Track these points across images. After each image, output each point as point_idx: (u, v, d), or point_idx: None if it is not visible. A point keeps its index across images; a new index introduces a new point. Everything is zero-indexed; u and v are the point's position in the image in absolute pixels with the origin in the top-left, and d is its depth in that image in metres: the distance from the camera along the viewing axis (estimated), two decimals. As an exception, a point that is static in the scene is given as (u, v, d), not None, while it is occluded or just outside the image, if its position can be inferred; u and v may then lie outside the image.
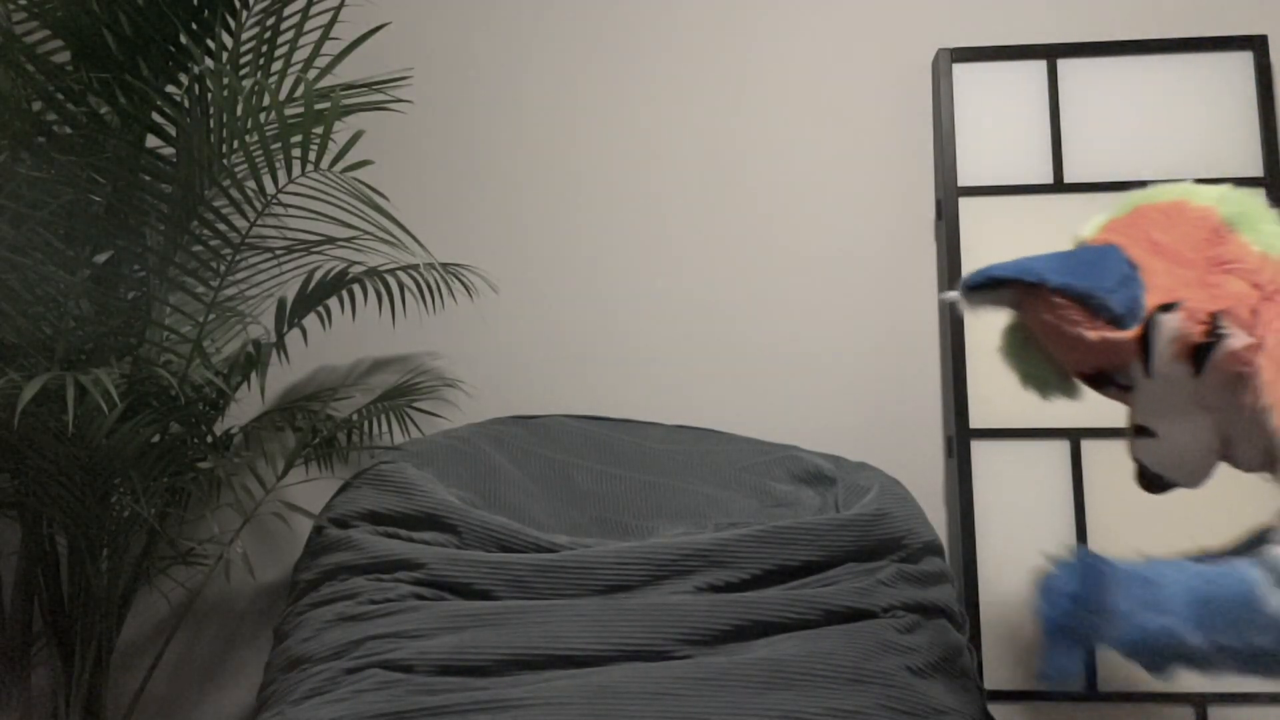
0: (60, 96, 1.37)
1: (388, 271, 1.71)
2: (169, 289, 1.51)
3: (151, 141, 1.76)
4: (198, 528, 1.94)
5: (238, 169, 1.46)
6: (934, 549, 1.50)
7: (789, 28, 1.98)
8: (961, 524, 1.74)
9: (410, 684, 1.22)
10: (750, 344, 1.91)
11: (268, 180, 1.94)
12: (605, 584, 1.35)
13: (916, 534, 1.47)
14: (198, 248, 1.51)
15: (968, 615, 1.62)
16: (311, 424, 1.71)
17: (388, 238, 1.88)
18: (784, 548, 1.38)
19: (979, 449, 1.77)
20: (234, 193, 1.62)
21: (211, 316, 1.58)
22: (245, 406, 1.96)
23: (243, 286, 1.68)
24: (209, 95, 1.39)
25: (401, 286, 1.74)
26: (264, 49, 1.51)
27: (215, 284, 1.50)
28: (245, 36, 1.52)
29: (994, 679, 1.71)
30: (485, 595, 1.35)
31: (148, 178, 1.43)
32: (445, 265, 1.79)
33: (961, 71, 1.88)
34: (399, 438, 1.91)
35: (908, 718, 1.20)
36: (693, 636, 1.27)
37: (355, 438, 1.80)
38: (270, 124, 1.41)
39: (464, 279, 1.93)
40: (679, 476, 1.68)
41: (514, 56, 2.02)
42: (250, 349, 1.69)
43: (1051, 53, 1.86)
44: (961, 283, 1.13)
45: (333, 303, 1.97)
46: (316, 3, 1.51)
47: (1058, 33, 1.93)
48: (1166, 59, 1.84)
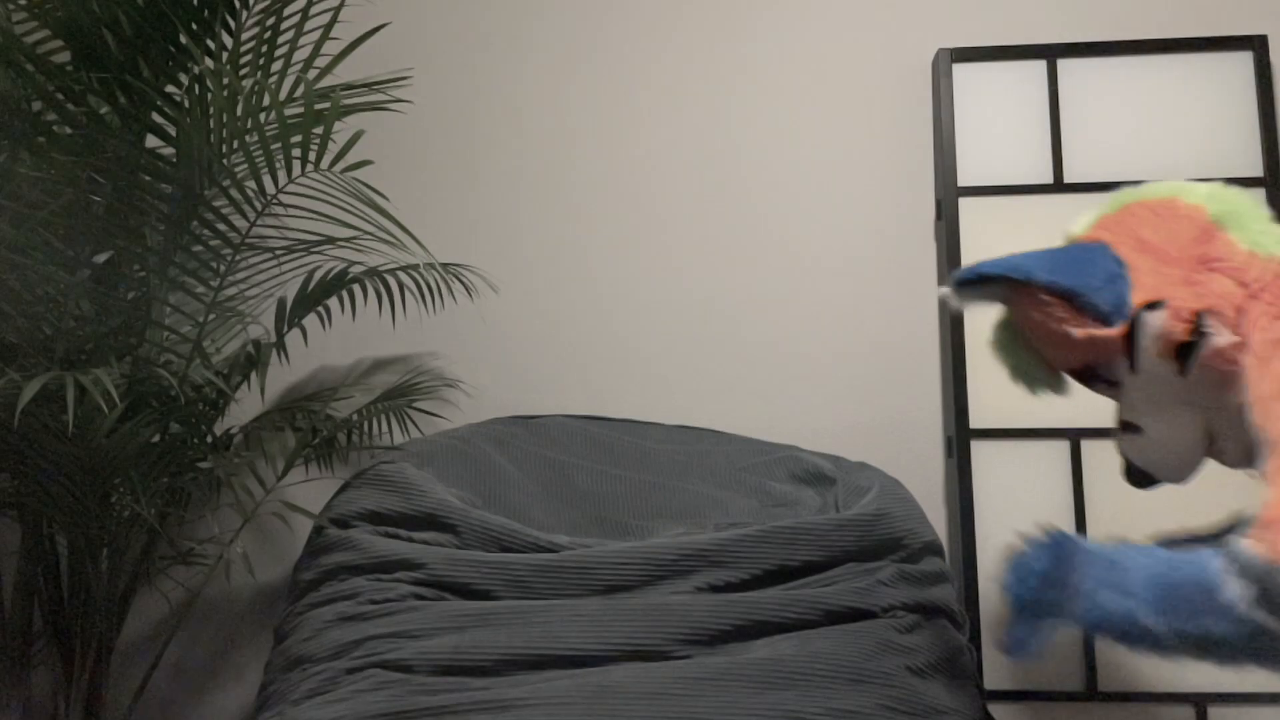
0: (60, 96, 1.37)
1: (388, 271, 1.71)
2: (169, 289, 1.51)
3: (151, 141, 1.76)
4: (198, 528, 1.94)
5: (238, 169, 1.46)
6: (934, 549, 1.50)
7: (789, 28, 1.98)
8: (961, 524, 1.74)
9: (410, 684, 1.22)
10: (750, 344, 1.91)
11: (268, 180, 1.94)
12: (605, 584, 1.35)
13: (916, 534, 1.47)
14: (198, 248, 1.51)
15: (968, 615, 1.62)
16: (311, 424, 1.71)
17: (388, 238, 1.88)
18: (784, 548, 1.38)
19: (979, 449, 1.77)
20: (234, 193, 1.62)
21: (211, 316, 1.58)
22: (245, 406, 1.96)
23: (243, 286, 1.68)
24: (209, 95, 1.39)
25: (401, 286, 1.74)
26: (264, 49, 1.51)
27: (215, 284, 1.50)
28: (245, 36, 1.52)
29: (994, 679, 1.71)
30: (485, 595, 1.35)
31: (148, 178, 1.43)
32: (445, 265, 1.79)
33: (961, 71, 1.88)
34: (399, 438, 1.91)
35: (908, 718, 1.20)
36: (693, 636, 1.27)
37: (355, 438, 1.80)
38: (270, 124, 1.41)
39: (464, 279, 1.93)
40: (679, 476, 1.68)
41: (514, 56, 2.02)
42: (250, 349, 1.69)
43: (1051, 53, 1.86)
44: (951, 278, 1.14)
45: (333, 303, 1.97)
46: (316, 3, 1.51)
47: (1057, 33, 1.93)
48: (1166, 59, 1.84)
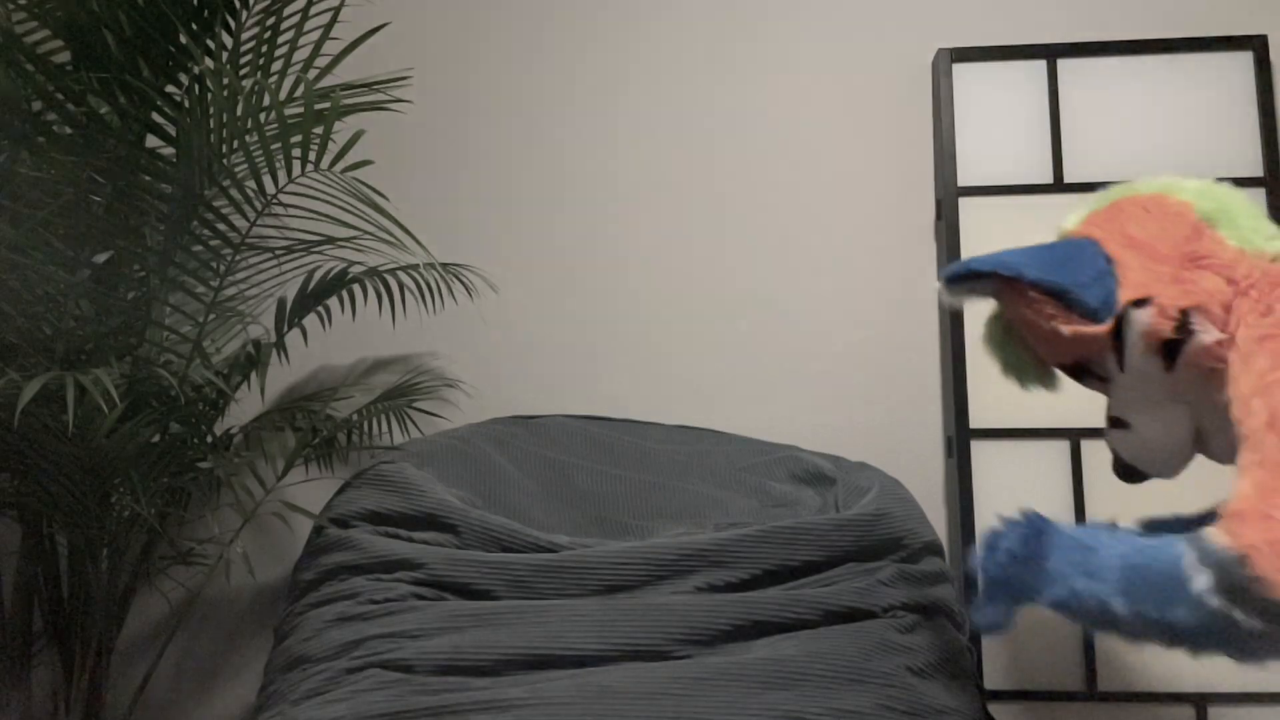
0: (60, 96, 1.37)
1: (388, 271, 1.71)
2: (169, 289, 1.51)
3: (151, 141, 1.76)
4: (198, 528, 1.94)
5: (238, 169, 1.46)
6: (934, 549, 1.50)
7: (789, 28, 1.98)
8: (961, 524, 1.74)
9: (410, 684, 1.22)
10: (750, 343, 1.91)
11: (268, 180, 1.94)
12: (605, 584, 1.34)
13: (916, 534, 1.47)
14: (198, 248, 1.51)
15: (968, 615, 1.62)
16: (311, 424, 1.71)
17: (388, 238, 1.88)
18: (784, 548, 1.38)
19: (979, 449, 1.77)
20: (234, 193, 1.62)
21: (211, 316, 1.57)
22: (245, 406, 1.96)
23: (243, 286, 1.68)
24: (209, 95, 1.39)
25: (401, 286, 1.74)
26: (264, 49, 1.51)
27: (215, 284, 1.50)
28: (245, 36, 1.52)
29: (994, 679, 1.71)
30: (485, 595, 1.35)
31: (148, 178, 1.43)
32: (445, 265, 1.79)
33: (961, 71, 1.88)
34: (399, 438, 1.91)
35: (908, 718, 1.20)
36: (693, 636, 1.27)
37: (355, 438, 1.80)
38: (270, 124, 1.41)
39: (464, 279, 1.93)
40: (679, 476, 1.68)
41: (514, 56, 2.02)
42: (250, 349, 1.69)
43: (1051, 53, 1.86)
44: (942, 274, 1.15)
45: (333, 303, 1.97)
46: (316, 3, 1.51)
47: (1057, 33, 1.93)
48: (1166, 59, 1.84)
